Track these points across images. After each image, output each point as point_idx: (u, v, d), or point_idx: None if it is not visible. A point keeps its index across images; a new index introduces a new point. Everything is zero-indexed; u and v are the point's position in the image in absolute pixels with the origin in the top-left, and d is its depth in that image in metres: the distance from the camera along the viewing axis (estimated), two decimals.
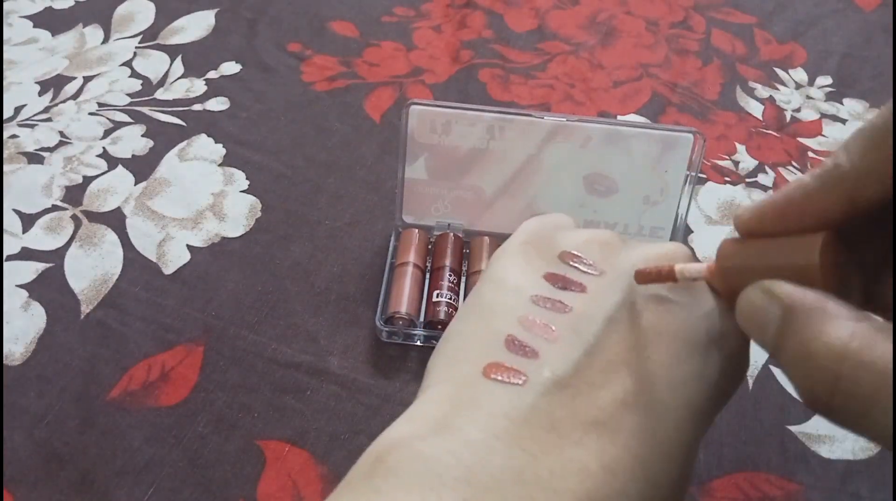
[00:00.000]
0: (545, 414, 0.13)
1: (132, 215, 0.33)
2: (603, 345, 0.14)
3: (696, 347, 0.15)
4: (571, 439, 0.13)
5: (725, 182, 0.37)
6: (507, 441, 0.13)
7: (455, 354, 0.15)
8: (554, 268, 0.16)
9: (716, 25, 0.48)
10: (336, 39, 0.44)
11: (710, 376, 0.15)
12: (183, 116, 0.38)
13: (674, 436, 0.14)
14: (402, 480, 0.12)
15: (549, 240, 0.17)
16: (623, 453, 0.13)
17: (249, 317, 0.29)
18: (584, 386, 0.14)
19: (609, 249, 0.16)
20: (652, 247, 0.16)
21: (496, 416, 0.13)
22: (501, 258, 0.17)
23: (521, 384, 0.13)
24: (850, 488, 0.25)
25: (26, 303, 0.29)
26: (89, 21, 0.44)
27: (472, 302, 0.16)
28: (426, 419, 0.13)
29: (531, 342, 0.14)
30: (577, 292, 0.15)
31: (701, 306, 0.15)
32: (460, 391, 0.14)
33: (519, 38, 0.46)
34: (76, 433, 0.25)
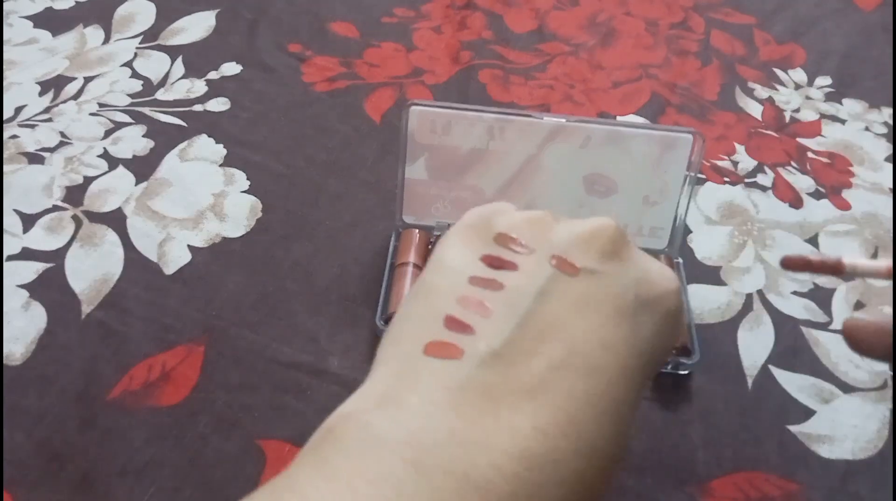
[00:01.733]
0: (481, 383, 0.14)
1: (133, 216, 0.33)
2: (534, 316, 0.15)
3: (626, 312, 0.16)
4: (506, 404, 0.14)
5: (725, 182, 0.37)
6: (444, 408, 0.13)
7: (399, 334, 0.16)
8: (490, 250, 0.17)
9: (715, 26, 0.48)
10: (336, 40, 0.44)
11: (642, 339, 0.16)
12: (183, 116, 0.38)
13: (606, 395, 0.15)
14: (347, 447, 0.13)
15: (486, 224, 0.18)
16: (555, 413, 0.14)
17: (250, 317, 0.29)
18: (518, 356, 0.15)
19: (540, 227, 0.17)
20: (578, 223, 0.17)
21: (435, 388, 0.14)
22: (443, 243, 0.18)
23: (459, 358, 0.14)
24: (850, 488, 0.25)
25: (27, 303, 0.29)
26: (90, 21, 0.44)
27: (417, 286, 0.17)
28: (372, 395, 0.14)
29: (468, 320, 0.15)
30: (510, 270, 0.16)
31: (630, 275, 0.17)
32: (403, 368, 0.15)
33: (519, 38, 0.46)
34: (76, 434, 0.25)
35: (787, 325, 0.30)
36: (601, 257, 0.17)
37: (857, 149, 0.39)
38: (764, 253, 0.33)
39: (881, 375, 0.28)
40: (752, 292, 0.31)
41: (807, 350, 0.29)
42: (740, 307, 0.31)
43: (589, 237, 0.17)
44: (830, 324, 0.30)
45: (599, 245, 0.17)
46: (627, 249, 0.17)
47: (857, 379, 0.28)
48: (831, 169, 0.38)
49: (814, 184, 0.37)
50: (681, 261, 0.32)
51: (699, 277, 0.32)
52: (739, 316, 0.30)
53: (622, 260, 0.17)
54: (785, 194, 0.36)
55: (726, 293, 0.31)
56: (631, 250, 0.18)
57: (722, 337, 0.30)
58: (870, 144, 0.40)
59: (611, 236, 0.17)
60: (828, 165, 0.38)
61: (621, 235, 0.17)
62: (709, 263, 0.33)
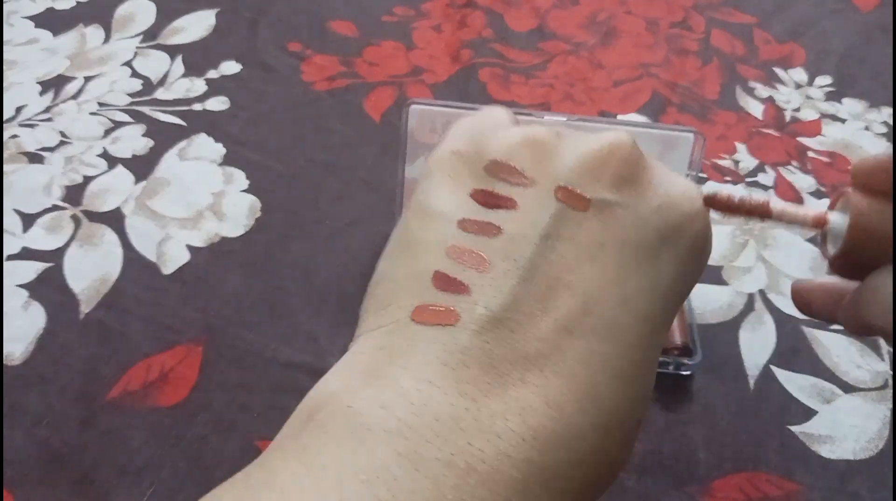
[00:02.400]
0: (483, 354, 0.12)
1: (132, 215, 0.33)
2: (539, 268, 0.13)
3: (647, 251, 0.13)
4: (513, 377, 0.12)
5: (726, 182, 0.37)
6: (443, 388, 0.12)
7: (384, 298, 0.14)
8: (482, 183, 0.14)
9: (715, 25, 0.48)
10: (336, 39, 0.44)
11: (665, 280, 0.13)
12: (183, 115, 0.38)
13: (627, 355, 0.13)
14: (331, 436, 0.11)
15: (478, 147, 0.15)
16: (569, 384, 0.12)
17: (249, 317, 0.29)
18: (523, 317, 0.12)
19: (541, 151, 0.14)
20: (588, 142, 0.14)
21: (430, 362, 0.12)
22: (427, 179, 0.15)
23: (454, 324, 0.12)
24: (850, 488, 0.25)
25: (26, 303, 0.29)
26: (90, 21, 0.44)
27: (398, 236, 0.15)
28: (357, 371, 0.12)
29: (461, 276, 0.13)
30: (508, 209, 0.13)
31: (650, 202, 0.14)
32: (391, 339, 0.13)
33: (519, 37, 0.46)
34: (76, 434, 0.25)
35: (789, 325, 0.30)
36: (615, 185, 0.14)
37: (857, 148, 0.39)
38: (765, 253, 0.33)
39: (882, 375, 0.28)
40: (754, 291, 0.31)
41: (808, 350, 0.29)
42: (742, 307, 0.31)
43: (600, 161, 0.14)
44: (831, 324, 0.30)
45: (613, 170, 0.14)
46: (646, 170, 0.14)
47: (857, 379, 0.28)
48: (832, 168, 0.38)
49: (815, 183, 0.37)
50: None
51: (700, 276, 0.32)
52: (741, 316, 0.30)
53: (640, 185, 0.14)
54: (786, 193, 0.36)
55: (728, 293, 0.31)
56: (650, 171, 0.14)
57: (723, 337, 0.29)
58: (869, 143, 0.40)
59: (626, 156, 0.14)
60: (828, 164, 0.38)
61: (638, 153, 0.14)
62: (710, 262, 0.32)
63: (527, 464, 0.11)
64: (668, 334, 0.15)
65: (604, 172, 0.14)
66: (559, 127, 0.15)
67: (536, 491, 0.11)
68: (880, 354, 0.29)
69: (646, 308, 0.13)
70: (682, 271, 0.14)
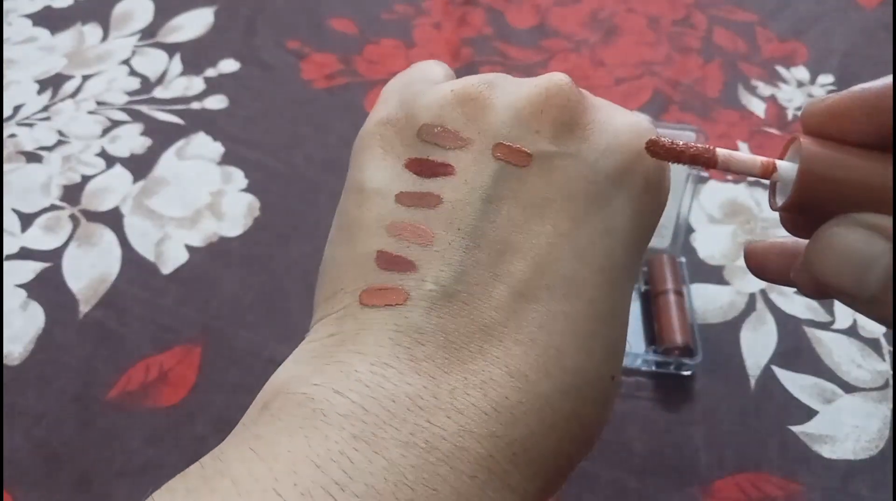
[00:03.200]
0: (437, 330, 0.11)
1: (130, 215, 0.33)
2: (485, 233, 0.12)
3: (598, 198, 0.13)
4: (471, 350, 0.11)
5: (727, 181, 0.37)
6: (398, 368, 0.11)
7: (331, 284, 0.13)
8: (415, 151, 0.13)
9: (717, 23, 0.47)
10: (335, 37, 0.44)
11: (621, 225, 0.13)
12: (181, 114, 0.38)
13: (589, 314, 0.12)
14: (285, 423, 0.11)
15: (408, 112, 0.14)
16: (530, 350, 0.11)
17: (248, 317, 0.29)
18: (474, 288, 0.12)
19: (474, 106, 0.13)
20: (522, 89, 0.13)
21: (382, 344, 0.11)
22: (358, 154, 0.14)
23: (404, 303, 0.12)
24: (851, 488, 0.25)
25: (25, 303, 0.29)
26: (88, 19, 0.44)
27: (337, 219, 0.14)
28: (309, 359, 0.12)
29: (405, 253, 0.12)
30: (446, 176, 0.13)
31: (596, 145, 0.13)
32: (341, 325, 0.12)
33: (520, 35, 0.46)
34: (75, 434, 0.25)
35: (790, 325, 0.30)
36: (556, 134, 0.13)
37: None
38: None
39: (882, 374, 0.28)
40: (755, 291, 0.31)
41: (809, 350, 0.29)
42: (743, 307, 0.31)
43: (536, 110, 0.13)
44: (833, 324, 0.30)
45: (551, 117, 0.13)
46: (587, 111, 0.13)
47: (858, 379, 0.28)
48: None
49: None
50: (683, 260, 0.31)
51: (702, 276, 0.32)
52: (742, 316, 0.30)
53: (583, 129, 0.13)
54: None
55: (729, 293, 0.31)
56: (592, 111, 0.13)
57: (725, 337, 0.29)
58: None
59: (563, 101, 0.13)
60: None
61: (577, 95, 0.13)
62: (712, 262, 0.32)
63: (491, 439, 0.11)
64: (637, 278, 0.14)
65: (542, 121, 0.13)
66: (495, 73, 0.14)
67: (504, 466, 0.11)
68: (881, 354, 0.29)
69: (603, 258, 0.12)
70: (639, 211, 0.13)
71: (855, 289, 0.11)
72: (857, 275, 0.11)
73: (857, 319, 0.30)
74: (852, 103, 0.12)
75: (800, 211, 0.12)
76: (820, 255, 0.11)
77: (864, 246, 0.11)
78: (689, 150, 0.12)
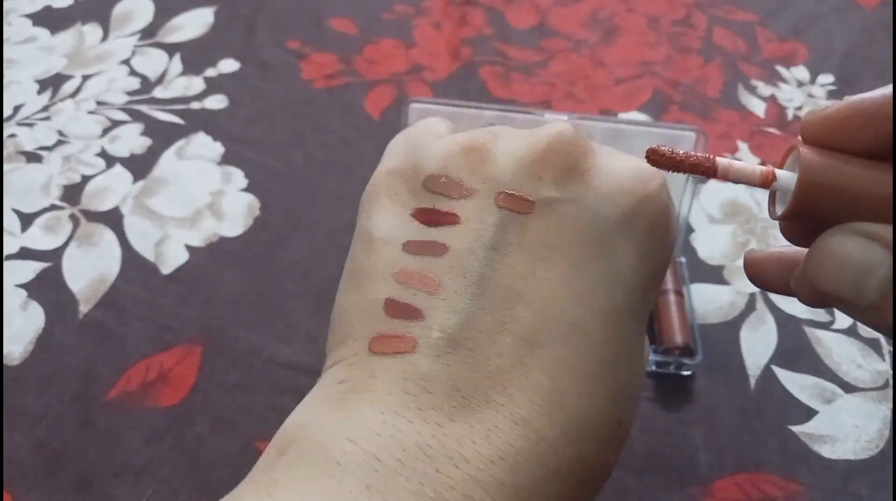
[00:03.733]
0: (444, 378, 0.12)
1: (130, 215, 0.33)
2: (490, 281, 0.12)
3: (601, 243, 0.13)
4: (477, 398, 0.12)
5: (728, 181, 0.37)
6: (407, 416, 0.11)
7: (342, 331, 0.13)
8: (421, 201, 0.14)
9: (717, 23, 0.47)
10: (335, 37, 0.44)
11: (626, 269, 0.13)
12: (181, 114, 0.38)
13: (593, 358, 0.12)
14: (300, 471, 0.11)
15: (414, 163, 0.14)
16: (534, 396, 0.12)
17: (248, 317, 0.29)
18: (480, 335, 0.12)
19: (477, 157, 0.14)
20: (525, 139, 0.14)
21: (392, 392, 0.12)
22: (366, 203, 0.15)
23: (412, 351, 0.12)
24: (852, 488, 0.25)
25: (25, 303, 0.29)
26: (88, 19, 0.44)
27: (348, 267, 0.14)
28: (323, 405, 0.12)
29: (413, 301, 0.13)
30: (451, 225, 0.13)
31: (598, 191, 0.13)
32: (351, 372, 0.12)
33: (520, 35, 0.46)
34: (75, 434, 0.25)
35: (790, 325, 0.30)
36: (558, 181, 0.13)
37: None
38: None
39: (882, 374, 0.28)
40: (755, 291, 0.31)
41: (809, 350, 0.29)
42: (743, 307, 0.31)
43: (538, 158, 0.13)
44: (833, 323, 0.30)
45: (553, 165, 0.13)
46: (589, 158, 0.14)
47: (858, 379, 0.28)
48: None
49: None
50: (683, 260, 0.31)
51: (702, 276, 0.32)
52: (742, 316, 0.30)
53: (585, 175, 0.13)
54: None
55: (729, 293, 0.31)
56: (594, 158, 0.14)
57: (724, 337, 0.29)
58: None
59: (565, 147, 0.13)
60: None
61: (578, 142, 0.14)
62: (711, 262, 0.32)
63: (498, 487, 0.11)
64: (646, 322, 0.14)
65: (544, 169, 0.13)
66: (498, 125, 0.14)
67: None
68: (881, 353, 0.29)
69: (607, 302, 0.13)
70: (644, 255, 0.13)
71: (854, 297, 0.11)
72: (855, 284, 0.11)
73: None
74: (852, 113, 0.12)
75: (799, 220, 0.12)
76: (819, 263, 0.11)
77: (863, 255, 0.11)
78: (689, 159, 0.12)
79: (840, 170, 0.11)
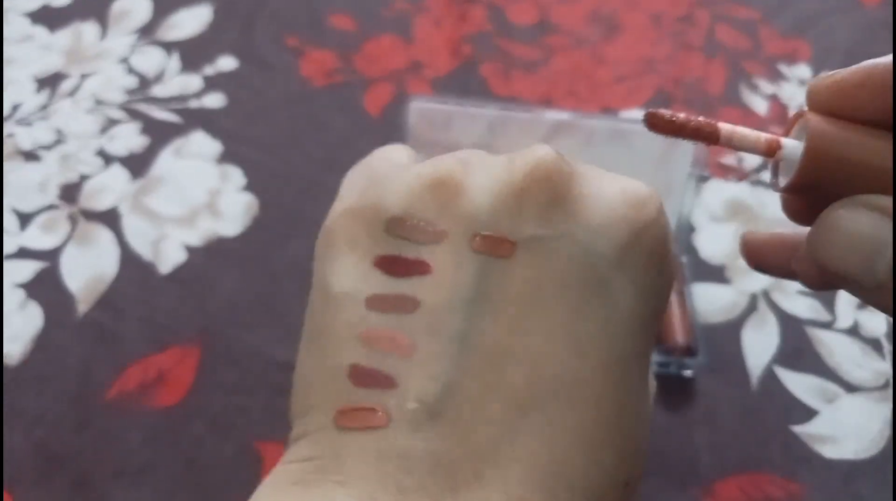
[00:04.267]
0: (425, 455, 0.10)
1: (128, 214, 0.33)
2: (471, 340, 0.11)
3: (596, 283, 0.11)
4: (465, 475, 0.10)
5: (730, 179, 0.36)
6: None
7: (304, 401, 0.12)
8: (385, 247, 0.11)
9: (720, 20, 0.47)
10: (334, 34, 0.44)
11: (625, 310, 0.11)
12: (179, 112, 0.38)
13: (594, 417, 0.11)
14: None
15: (374, 201, 0.12)
16: (530, 470, 0.10)
17: (246, 317, 0.29)
18: (464, 403, 0.10)
19: (446, 192, 0.11)
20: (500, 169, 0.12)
21: (365, 474, 0.10)
22: (322, 250, 0.13)
23: (385, 425, 0.10)
24: (853, 489, 0.25)
25: (23, 302, 0.29)
26: (86, 17, 0.44)
27: (307, 325, 0.12)
28: (289, 488, 0.11)
29: (382, 366, 0.11)
30: (421, 274, 0.11)
31: (587, 222, 0.11)
32: (318, 449, 0.11)
33: (520, 32, 0.45)
34: (73, 434, 0.25)
35: (792, 325, 0.30)
36: (541, 215, 0.11)
37: None
38: None
39: (883, 374, 0.28)
40: (757, 291, 0.31)
41: (811, 350, 0.29)
42: (745, 307, 0.30)
43: (517, 191, 0.11)
44: (834, 323, 0.30)
45: (535, 197, 0.11)
46: (574, 184, 0.11)
47: (859, 379, 0.28)
48: None
49: None
50: (685, 260, 0.31)
51: (704, 276, 0.31)
52: (744, 316, 0.30)
53: (572, 205, 0.11)
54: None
55: (731, 293, 0.31)
56: (581, 184, 0.12)
57: (726, 337, 0.29)
58: None
59: (547, 176, 0.11)
60: None
61: (561, 168, 0.11)
62: (713, 261, 0.32)
63: None
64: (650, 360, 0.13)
65: (525, 203, 0.11)
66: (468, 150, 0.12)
67: None
68: (882, 353, 0.29)
69: (607, 352, 0.11)
70: (644, 291, 0.12)
71: (862, 276, 0.10)
72: (864, 261, 0.10)
73: (858, 319, 0.30)
74: (862, 79, 0.11)
75: (804, 192, 0.11)
76: (824, 239, 0.10)
77: (873, 230, 0.10)
78: (690, 123, 0.11)
79: (850, 139, 0.10)
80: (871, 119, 0.11)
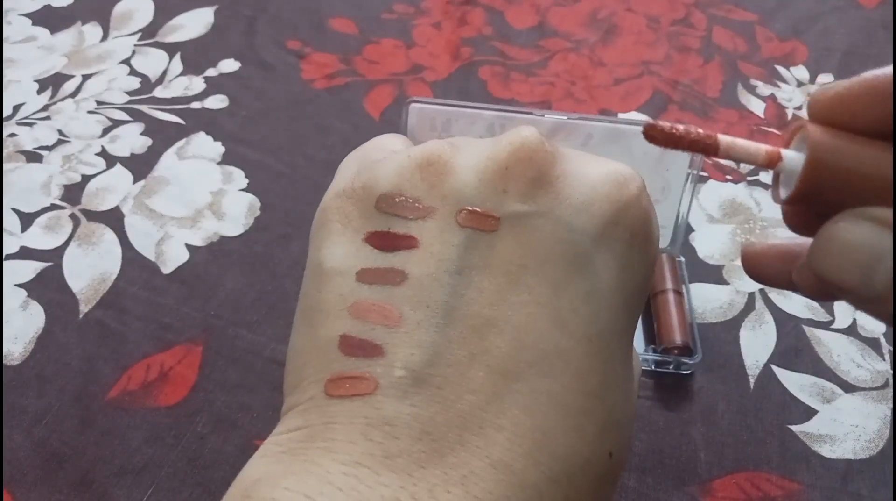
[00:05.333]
0: (411, 421, 0.10)
1: (131, 214, 0.33)
2: (457, 310, 0.11)
3: (577, 258, 0.11)
4: (449, 440, 0.10)
5: (727, 180, 0.37)
6: (372, 467, 0.10)
7: (297, 374, 0.12)
8: (375, 224, 0.12)
9: (717, 23, 0.47)
10: (335, 37, 0.44)
11: (606, 286, 0.12)
12: (181, 114, 0.38)
13: (576, 386, 0.11)
14: None
15: (365, 182, 0.13)
16: (514, 436, 0.10)
17: (249, 316, 0.29)
18: (449, 371, 0.11)
19: (434, 171, 0.12)
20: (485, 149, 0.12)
21: (353, 439, 0.10)
22: (316, 232, 0.13)
23: (373, 392, 0.11)
24: (851, 487, 0.25)
25: (25, 302, 0.29)
26: (88, 19, 0.44)
27: (300, 305, 0.13)
28: (279, 457, 0.11)
29: (370, 336, 0.11)
30: (409, 249, 0.12)
31: (569, 201, 0.12)
32: (310, 419, 0.11)
33: (519, 35, 0.46)
34: (75, 433, 0.25)
35: (789, 324, 0.30)
36: (525, 192, 0.12)
37: None
38: None
39: (882, 374, 0.28)
40: (755, 291, 0.31)
41: (808, 349, 0.29)
42: (742, 306, 0.31)
43: (501, 168, 0.12)
44: (832, 323, 0.30)
45: (518, 175, 0.12)
46: (558, 164, 0.12)
47: (858, 378, 0.28)
48: None
49: None
50: (682, 260, 0.31)
51: (701, 275, 0.32)
52: (742, 315, 0.30)
53: (555, 184, 0.12)
54: None
55: (728, 292, 0.31)
56: (564, 164, 0.12)
57: (724, 336, 0.29)
58: None
59: (530, 155, 0.12)
60: None
61: (544, 148, 0.12)
62: (711, 261, 0.32)
63: None
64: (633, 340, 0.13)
65: (508, 180, 0.12)
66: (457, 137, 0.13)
67: None
68: (881, 353, 0.29)
69: (589, 325, 0.11)
70: (625, 267, 0.12)
71: (861, 287, 0.10)
72: (864, 272, 0.10)
73: (857, 318, 0.30)
74: (862, 91, 0.11)
75: (805, 204, 0.11)
76: (825, 251, 0.10)
77: (873, 241, 0.10)
78: (688, 135, 0.12)
79: (851, 150, 0.11)
80: (873, 130, 0.11)
